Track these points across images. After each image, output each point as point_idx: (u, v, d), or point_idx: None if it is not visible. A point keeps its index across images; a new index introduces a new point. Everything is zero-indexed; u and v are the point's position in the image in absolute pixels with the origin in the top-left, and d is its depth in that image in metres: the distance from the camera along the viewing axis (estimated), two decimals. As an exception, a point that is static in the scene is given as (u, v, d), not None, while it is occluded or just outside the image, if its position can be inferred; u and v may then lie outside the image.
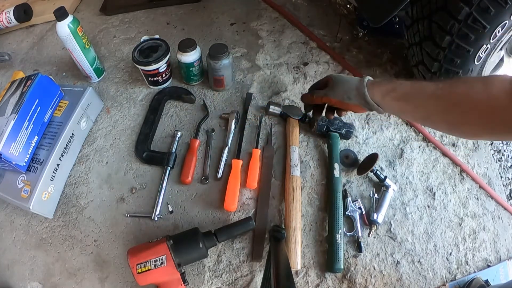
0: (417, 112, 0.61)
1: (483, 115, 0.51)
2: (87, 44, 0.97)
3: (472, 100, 0.52)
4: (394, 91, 0.62)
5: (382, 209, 0.83)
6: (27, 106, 0.80)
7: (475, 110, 0.52)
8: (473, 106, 0.52)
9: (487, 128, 0.53)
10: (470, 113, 0.53)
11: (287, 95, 1.04)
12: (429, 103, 0.58)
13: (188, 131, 0.96)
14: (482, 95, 0.51)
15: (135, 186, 0.88)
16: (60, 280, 0.78)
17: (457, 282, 0.78)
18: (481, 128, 0.54)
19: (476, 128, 0.54)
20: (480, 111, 0.51)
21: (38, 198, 0.79)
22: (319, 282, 0.77)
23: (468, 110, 0.53)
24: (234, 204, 0.81)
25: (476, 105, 0.52)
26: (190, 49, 0.94)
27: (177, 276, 0.69)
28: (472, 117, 0.53)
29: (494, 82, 0.51)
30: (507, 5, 0.67)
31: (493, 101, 0.50)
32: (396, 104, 0.62)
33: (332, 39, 1.18)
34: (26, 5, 1.24)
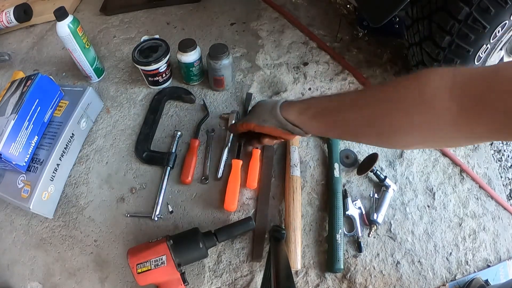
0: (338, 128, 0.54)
1: (419, 120, 0.42)
2: (87, 44, 0.97)
3: (403, 106, 0.43)
4: (309, 109, 0.57)
5: (382, 209, 0.83)
6: (27, 106, 0.80)
7: (408, 115, 0.43)
8: (405, 111, 0.43)
9: (426, 136, 0.44)
10: (403, 120, 0.44)
11: (287, 95, 1.04)
12: (350, 117, 0.50)
13: (188, 131, 0.96)
14: (416, 98, 0.42)
15: (135, 186, 0.88)
16: (60, 280, 0.78)
17: (457, 282, 0.78)
18: (418, 135, 0.44)
19: (412, 138, 0.45)
20: (415, 116, 0.42)
21: (38, 198, 0.79)
22: (319, 282, 0.77)
23: (400, 116, 0.44)
24: (234, 204, 0.81)
25: (409, 109, 0.42)
26: (190, 49, 0.94)
27: (177, 276, 0.69)
28: (406, 127, 0.44)
29: (429, 80, 0.41)
30: (507, 5, 0.67)
31: (431, 103, 0.40)
32: (314, 122, 0.56)
33: (332, 39, 1.18)
34: (26, 5, 1.24)
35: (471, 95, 0.38)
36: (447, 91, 0.39)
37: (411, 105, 0.42)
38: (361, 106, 0.49)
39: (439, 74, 0.41)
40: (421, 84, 0.42)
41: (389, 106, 0.45)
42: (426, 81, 0.41)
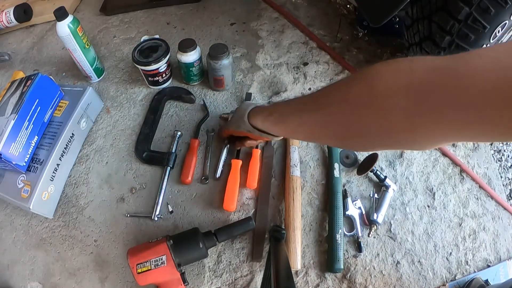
0: (298, 132, 0.54)
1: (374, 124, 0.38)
2: (87, 44, 0.97)
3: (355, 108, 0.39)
4: (271, 115, 0.59)
5: (382, 209, 0.83)
6: (27, 106, 0.80)
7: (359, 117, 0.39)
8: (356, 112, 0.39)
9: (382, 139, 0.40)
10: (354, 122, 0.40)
11: (287, 95, 1.04)
12: (306, 120, 0.49)
13: (188, 131, 0.96)
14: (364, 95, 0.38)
15: (135, 186, 0.88)
16: (60, 280, 0.78)
17: (457, 282, 0.78)
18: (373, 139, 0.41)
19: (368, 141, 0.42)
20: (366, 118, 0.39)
21: (38, 198, 0.79)
22: (319, 282, 0.77)
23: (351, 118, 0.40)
24: (233, 204, 0.81)
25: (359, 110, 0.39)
26: (190, 49, 0.94)
27: (177, 276, 0.69)
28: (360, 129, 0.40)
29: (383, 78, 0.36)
30: (507, 5, 0.67)
31: (384, 103, 0.36)
32: (276, 127, 0.58)
33: (332, 39, 1.18)
34: (26, 5, 1.24)
35: (434, 92, 0.32)
36: (402, 89, 0.34)
37: (361, 106, 0.38)
38: (313, 109, 0.47)
39: (392, 69, 0.36)
40: (372, 81, 0.37)
41: (338, 109, 0.42)
42: (377, 77, 0.37)
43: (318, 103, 0.47)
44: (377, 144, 0.43)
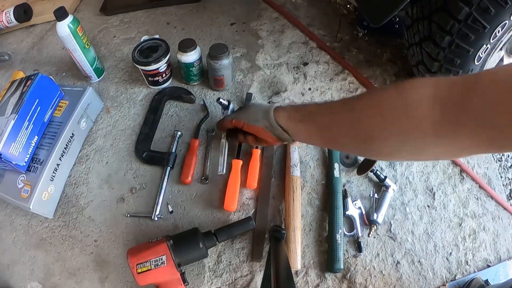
0: (323, 132, 0.53)
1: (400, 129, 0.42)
2: (87, 44, 0.97)
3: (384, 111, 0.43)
4: (297, 112, 0.58)
5: (382, 209, 0.83)
6: (27, 106, 0.80)
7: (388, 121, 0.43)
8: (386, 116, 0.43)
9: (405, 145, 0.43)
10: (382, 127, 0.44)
11: (287, 95, 1.04)
12: (335, 120, 0.50)
13: (188, 131, 0.96)
14: (397, 103, 0.42)
15: (135, 186, 0.88)
16: (60, 280, 0.78)
17: (457, 282, 0.78)
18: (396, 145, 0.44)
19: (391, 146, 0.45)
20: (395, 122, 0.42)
21: (38, 198, 0.79)
22: (319, 282, 0.77)
23: (380, 124, 0.44)
24: (234, 204, 0.81)
25: (390, 116, 0.43)
26: (190, 49, 0.94)
27: (177, 276, 0.69)
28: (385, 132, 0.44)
29: (412, 88, 0.42)
30: (507, 5, 0.67)
31: (412, 110, 0.40)
32: (301, 126, 0.57)
33: (332, 39, 1.18)
34: (26, 5, 1.24)
35: (452, 103, 0.37)
36: (429, 99, 0.39)
37: (392, 111, 0.42)
38: (345, 110, 0.50)
39: (421, 83, 0.41)
40: (404, 91, 0.42)
41: (371, 111, 0.46)
42: (408, 89, 0.42)
43: (351, 105, 0.49)
44: (403, 149, 0.44)
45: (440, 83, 0.39)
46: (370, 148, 0.48)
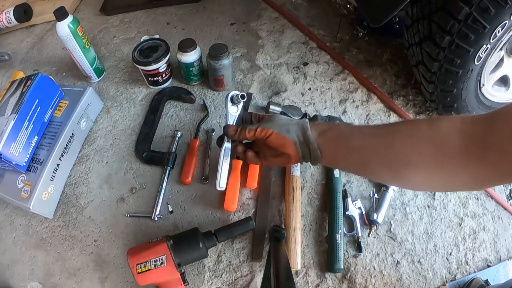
0: (354, 155, 0.53)
1: (431, 158, 0.45)
2: (87, 44, 0.97)
3: (417, 138, 0.46)
4: (330, 130, 0.56)
5: (382, 209, 0.83)
6: (27, 106, 0.80)
7: (420, 149, 0.45)
8: (418, 144, 0.45)
9: (435, 174, 0.46)
10: (415, 153, 0.46)
11: (287, 95, 1.04)
12: (369, 144, 0.51)
13: (188, 131, 0.96)
14: (429, 135, 0.45)
15: (135, 186, 0.88)
16: (60, 280, 0.78)
17: (457, 282, 0.78)
18: (427, 173, 0.46)
19: (422, 174, 0.47)
20: (426, 152, 0.45)
21: (38, 198, 0.79)
22: (319, 282, 0.77)
23: (412, 149, 0.46)
24: (234, 204, 0.81)
25: (422, 143, 0.45)
26: (190, 49, 0.94)
27: (177, 276, 0.69)
28: (418, 158, 0.46)
29: (442, 121, 0.46)
30: (507, 5, 0.67)
31: (442, 141, 0.44)
32: (333, 145, 0.55)
33: (332, 39, 1.18)
34: (26, 5, 1.24)
35: (475, 137, 0.41)
36: (456, 132, 0.43)
37: (424, 141, 0.45)
38: (379, 135, 0.51)
39: (450, 118, 0.45)
40: (435, 124, 0.46)
41: (405, 140, 0.48)
42: (439, 122, 0.45)
43: (385, 132, 0.50)
44: (433, 179, 0.47)
45: (466, 118, 0.44)
46: (402, 176, 0.50)
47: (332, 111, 1.01)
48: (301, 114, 0.94)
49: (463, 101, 0.86)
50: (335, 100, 1.03)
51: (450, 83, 0.82)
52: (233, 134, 0.62)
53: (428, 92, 0.89)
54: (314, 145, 0.55)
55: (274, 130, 0.58)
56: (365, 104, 1.02)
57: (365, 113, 1.01)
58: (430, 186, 0.61)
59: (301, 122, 0.59)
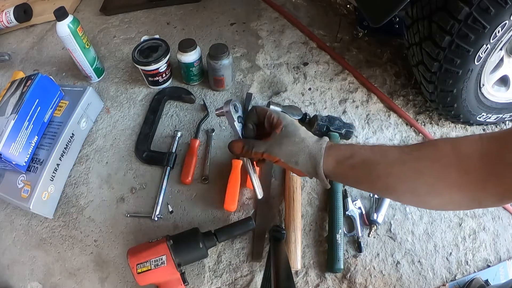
0: (378, 183, 0.50)
1: (454, 184, 0.44)
2: (87, 44, 0.97)
3: (441, 164, 0.45)
4: (352, 158, 0.51)
5: (382, 209, 0.82)
6: (27, 106, 0.80)
7: (444, 176, 0.45)
8: (443, 171, 0.45)
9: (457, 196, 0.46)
10: (440, 180, 0.45)
11: (287, 95, 1.04)
12: (394, 171, 0.49)
13: (188, 131, 0.96)
14: (452, 158, 0.44)
15: (135, 186, 0.88)
16: (60, 280, 0.78)
17: (457, 282, 0.78)
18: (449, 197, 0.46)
19: (444, 198, 0.47)
20: (450, 179, 0.44)
21: (38, 198, 0.79)
22: (319, 282, 0.77)
23: (437, 176, 0.45)
24: (234, 204, 0.81)
25: (446, 169, 0.45)
26: (190, 49, 0.94)
27: (177, 276, 0.69)
28: (442, 184, 0.45)
29: (463, 142, 0.45)
30: (507, 5, 0.67)
31: (464, 164, 0.43)
32: (353, 172, 0.52)
33: (332, 39, 1.18)
34: (26, 5, 1.24)
35: (493, 157, 0.42)
36: (477, 152, 0.43)
37: (448, 167, 0.45)
38: (403, 161, 0.49)
39: (470, 138, 0.45)
40: (457, 147, 0.45)
41: (429, 166, 0.47)
42: (460, 145, 0.45)
43: (409, 156, 0.48)
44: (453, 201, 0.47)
45: (483, 137, 0.44)
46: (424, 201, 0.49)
47: (332, 111, 1.01)
48: (301, 114, 0.94)
49: (463, 101, 0.86)
50: (335, 100, 1.03)
51: (450, 83, 0.82)
52: (239, 154, 0.57)
53: (428, 92, 0.89)
54: (324, 181, 0.53)
55: (281, 159, 0.54)
56: (365, 104, 1.02)
57: (365, 113, 1.00)
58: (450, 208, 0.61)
59: (315, 152, 0.52)
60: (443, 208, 0.59)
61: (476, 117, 0.92)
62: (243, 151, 0.56)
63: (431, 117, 1.01)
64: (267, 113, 0.57)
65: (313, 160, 0.52)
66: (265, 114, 0.57)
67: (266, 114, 0.57)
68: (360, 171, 0.51)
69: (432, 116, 1.01)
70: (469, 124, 0.98)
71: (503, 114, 0.94)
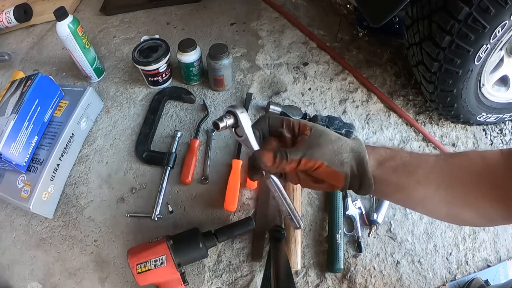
0: (416, 190, 0.45)
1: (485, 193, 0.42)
2: (87, 44, 0.97)
3: (474, 174, 0.43)
4: (393, 160, 0.46)
5: (382, 209, 0.83)
6: (27, 106, 0.80)
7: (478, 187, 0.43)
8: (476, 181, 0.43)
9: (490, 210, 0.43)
10: (473, 190, 0.43)
11: (287, 95, 1.04)
12: (432, 177, 0.45)
13: (188, 131, 0.96)
14: (482, 168, 0.43)
15: (135, 186, 0.88)
16: (60, 280, 0.78)
17: (457, 282, 0.78)
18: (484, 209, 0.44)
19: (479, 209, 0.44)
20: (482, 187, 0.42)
21: (38, 198, 0.79)
22: (319, 282, 0.77)
23: (471, 187, 0.43)
24: (234, 204, 0.81)
25: (478, 180, 0.43)
26: (190, 49, 0.94)
27: (177, 276, 0.69)
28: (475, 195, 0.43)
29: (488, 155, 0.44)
30: (507, 5, 0.67)
31: (492, 176, 0.42)
32: (394, 176, 0.45)
33: (332, 39, 1.18)
34: (26, 5, 1.24)
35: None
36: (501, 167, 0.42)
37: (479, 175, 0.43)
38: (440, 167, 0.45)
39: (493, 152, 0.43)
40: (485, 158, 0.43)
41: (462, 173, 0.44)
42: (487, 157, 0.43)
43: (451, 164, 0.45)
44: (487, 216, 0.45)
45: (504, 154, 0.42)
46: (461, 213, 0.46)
47: (332, 111, 1.01)
48: (301, 114, 0.94)
49: (463, 101, 0.86)
50: (335, 100, 1.03)
51: (450, 83, 0.82)
52: (270, 166, 0.44)
53: (428, 92, 0.89)
54: (370, 180, 0.44)
55: (325, 162, 0.44)
56: (365, 104, 1.02)
57: (365, 113, 1.00)
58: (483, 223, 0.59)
59: (357, 147, 0.45)
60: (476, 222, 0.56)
61: (476, 117, 0.92)
62: (276, 162, 0.44)
63: (431, 117, 1.01)
64: (284, 121, 0.48)
65: (357, 156, 0.44)
66: (283, 123, 0.48)
67: (284, 122, 0.48)
68: (402, 176, 0.45)
69: (432, 116, 1.01)
70: (469, 124, 0.98)
71: (503, 114, 0.94)
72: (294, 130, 0.47)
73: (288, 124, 0.47)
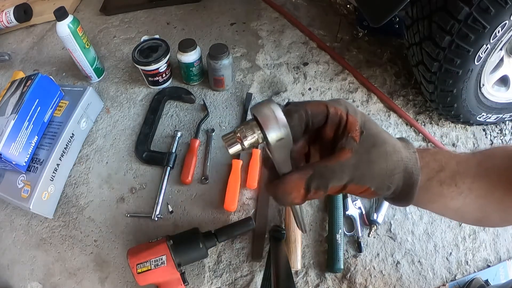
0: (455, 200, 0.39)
1: None
2: (87, 44, 0.97)
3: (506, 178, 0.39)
4: (442, 171, 0.38)
5: (382, 209, 0.83)
6: (27, 106, 0.80)
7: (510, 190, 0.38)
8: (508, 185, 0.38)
9: None
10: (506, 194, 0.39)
11: (287, 95, 1.04)
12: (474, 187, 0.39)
13: (188, 131, 0.96)
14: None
15: (135, 186, 0.88)
16: (60, 280, 0.78)
17: (457, 282, 0.78)
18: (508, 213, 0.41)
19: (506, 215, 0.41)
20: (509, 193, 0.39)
21: (38, 198, 0.79)
22: (319, 282, 0.77)
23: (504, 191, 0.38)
24: (234, 204, 0.81)
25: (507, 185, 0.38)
26: (190, 49, 0.94)
27: (177, 276, 0.69)
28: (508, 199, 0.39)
29: None
30: (507, 5, 0.67)
31: None
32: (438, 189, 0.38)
33: (332, 39, 1.18)
34: (26, 5, 1.24)
35: None
36: None
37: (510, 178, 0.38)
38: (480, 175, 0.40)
39: None
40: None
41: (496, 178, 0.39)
42: None
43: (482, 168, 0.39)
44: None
45: None
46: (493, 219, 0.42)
47: (332, 111, 1.01)
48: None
49: (463, 101, 0.86)
50: (335, 100, 1.03)
51: (450, 83, 0.82)
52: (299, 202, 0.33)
53: (428, 92, 0.89)
54: (412, 200, 0.37)
55: (372, 187, 0.33)
56: (365, 104, 1.02)
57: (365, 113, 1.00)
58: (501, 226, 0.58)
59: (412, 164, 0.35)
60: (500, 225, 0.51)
61: (476, 117, 0.92)
62: (308, 197, 0.32)
63: (431, 117, 1.01)
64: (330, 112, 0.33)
65: (408, 177, 0.34)
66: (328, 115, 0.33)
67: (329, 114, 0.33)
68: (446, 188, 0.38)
69: (432, 116, 1.01)
70: (469, 124, 0.98)
71: (503, 114, 0.94)
72: (339, 126, 0.34)
73: (334, 117, 0.33)
